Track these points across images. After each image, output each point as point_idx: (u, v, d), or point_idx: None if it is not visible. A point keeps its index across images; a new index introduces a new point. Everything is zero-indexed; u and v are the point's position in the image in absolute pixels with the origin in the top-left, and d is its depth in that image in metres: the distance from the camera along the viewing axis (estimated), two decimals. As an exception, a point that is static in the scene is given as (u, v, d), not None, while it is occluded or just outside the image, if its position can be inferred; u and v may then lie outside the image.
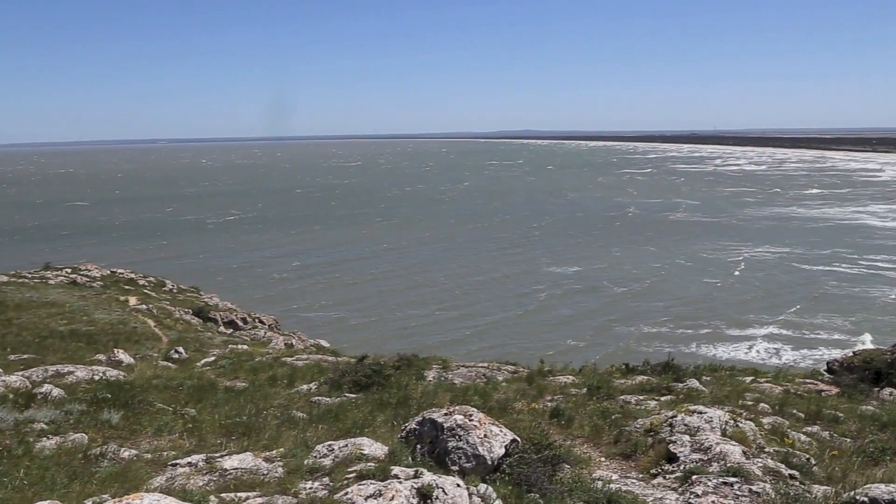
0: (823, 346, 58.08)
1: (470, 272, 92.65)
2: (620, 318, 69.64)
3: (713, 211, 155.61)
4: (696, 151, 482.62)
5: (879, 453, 11.10)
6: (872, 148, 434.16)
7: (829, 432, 12.65)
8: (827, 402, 15.18)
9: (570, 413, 12.83)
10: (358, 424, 11.86)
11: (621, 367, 18.69)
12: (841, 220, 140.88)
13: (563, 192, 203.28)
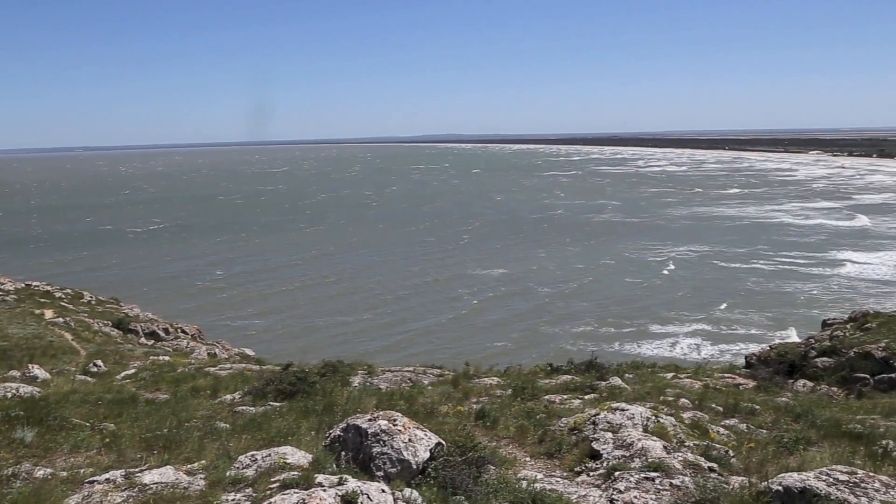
0: (742, 342, 59.99)
1: (400, 277, 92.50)
2: (547, 320, 70.57)
3: (637, 211, 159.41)
4: (618, 153, 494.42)
5: (793, 443, 11.48)
6: (784, 148, 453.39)
7: (746, 424, 13.03)
8: (744, 395, 15.67)
9: (496, 414, 12.88)
10: (282, 433, 11.65)
11: (546, 367, 18.92)
12: (759, 218, 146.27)
13: (490, 195, 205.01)
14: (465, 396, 15.50)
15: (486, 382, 17.40)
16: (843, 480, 8.13)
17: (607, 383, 15.97)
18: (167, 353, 28.90)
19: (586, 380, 16.13)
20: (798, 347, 25.84)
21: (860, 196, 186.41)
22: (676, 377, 18.04)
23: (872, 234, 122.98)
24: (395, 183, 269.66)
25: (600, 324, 68.32)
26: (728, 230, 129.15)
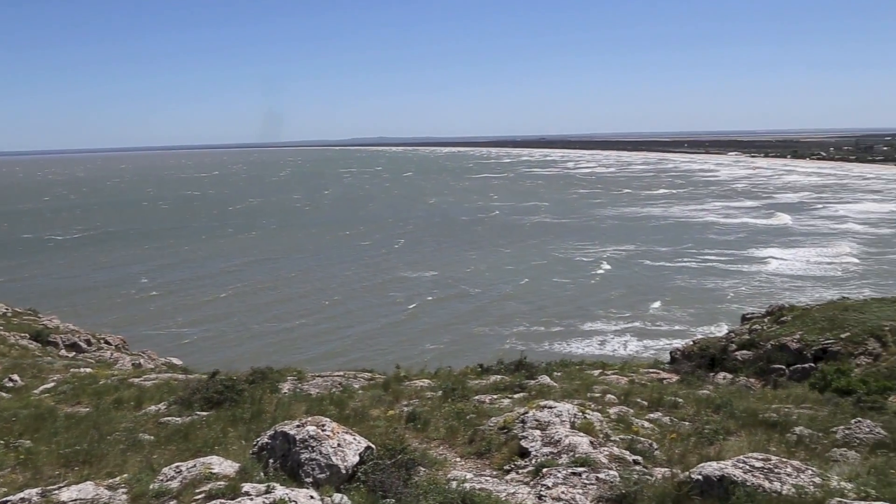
0: (667, 337, 61.46)
1: (334, 282, 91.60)
2: (479, 321, 71.01)
3: (568, 212, 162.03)
4: (548, 155, 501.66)
5: (713, 434, 11.88)
6: (705, 150, 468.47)
7: (669, 417, 13.40)
8: (668, 389, 16.10)
9: (426, 416, 12.93)
10: (209, 443, 11.44)
11: (476, 368, 19.06)
12: (684, 217, 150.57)
13: (424, 198, 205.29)
14: (395, 399, 15.49)
15: (417, 385, 17.43)
16: (759, 467, 8.44)
17: (536, 382, 16.20)
18: (89, 365, 27.93)
19: (516, 379, 16.33)
20: (719, 342, 26.74)
21: (778, 195, 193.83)
22: (603, 374, 18.44)
23: (789, 231, 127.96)
24: (328, 186, 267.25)
25: (532, 324, 69.13)
26: (655, 229, 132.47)
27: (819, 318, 33.80)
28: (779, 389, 19.43)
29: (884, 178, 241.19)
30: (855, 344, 30.44)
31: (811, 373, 23.99)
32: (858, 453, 10.82)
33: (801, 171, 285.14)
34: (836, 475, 8.36)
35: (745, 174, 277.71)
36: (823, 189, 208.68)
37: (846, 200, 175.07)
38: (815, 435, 11.91)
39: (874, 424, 12.29)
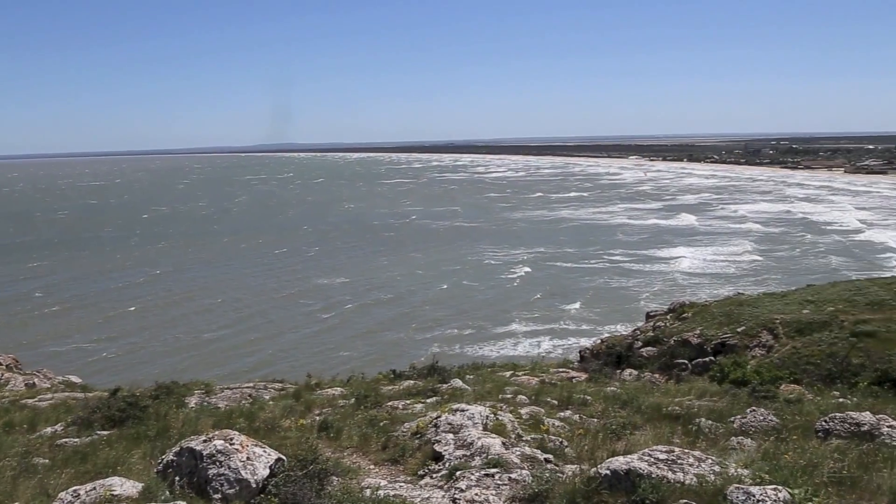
0: (577, 336, 62.97)
1: (248, 292, 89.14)
2: (392, 327, 70.94)
3: (479, 216, 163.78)
4: (458, 160, 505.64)
5: (621, 429, 12.21)
6: (608, 154, 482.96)
7: (579, 415, 13.70)
8: (577, 387, 16.47)
9: (339, 424, 12.80)
10: (110, 464, 10.97)
11: (389, 374, 19.03)
12: (593, 219, 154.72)
13: (339, 204, 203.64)
14: (307, 409, 15.28)
15: (330, 393, 17.26)
16: (663, 459, 8.72)
17: (449, 386, 16.29)
18: (-23, 387, 26.44)
19: (428, 384, 16.38)
20: (625, 339, 27.59)
21: (679, 197, 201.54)
22: (515, 375, 18.70)
23: (690, 231, 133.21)
24: (239, 193, 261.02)
25: (445, 328, 69.51)
26: (565, 231, 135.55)
27: (717, 313, 35.32)
28: (681, 383, 20.17)
29: (774, 179, 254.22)
30: (750, 337, 31.94)
31: (711, 366, 25.00)
32: (754, 440, 11.32)
33: (698, 173, 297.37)
34: (734, 462, 8.71)
35: (647, 177, 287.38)
36: (719, 190, 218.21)
37: (740, 201, 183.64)
38: (714, 425, 12.40)
39: (767, 412, 12.91)
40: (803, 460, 8.70)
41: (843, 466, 8.22)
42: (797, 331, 32.78)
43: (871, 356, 28.04)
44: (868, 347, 30.13)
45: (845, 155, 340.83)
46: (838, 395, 18.58)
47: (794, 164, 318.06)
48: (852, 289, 42.32)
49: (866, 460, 8.57)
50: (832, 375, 25.70)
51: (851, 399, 17.35)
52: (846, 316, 34.81)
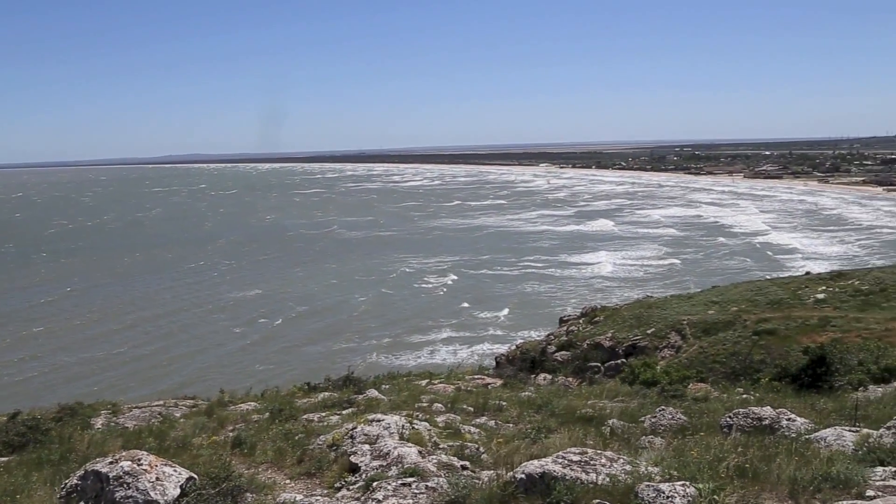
0: (493, 343, 63.59)
1: (160, 308, 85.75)
2: (307, 338, 70.03)
3: (395, 225, 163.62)
4: (372, 170, 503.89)
5: (536, 433, 12.39)
6: (518, 162, 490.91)
7: (495, 421, 13.84)
8: (492, 393, 16.63)
9: (253, 440, 12.55)
10: (9, 492, 10.42)
11: (303, 386, 18.78)
12: (507, 226, 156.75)
13: (256, 215, 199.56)
14: (220, 425, 14.93)
15: (243, 408, 16.91)
16: (576, 461, 8.88)
17: (365, 396, 16.20)
18: None
19: (344, 395, 16.26)
20: (539, 345, 28.06)
21: (591, 203, 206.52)
22: (431, 383, 18.74)
23: (600, 236, 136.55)
24: (152, 206, 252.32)
25: (361, 338, 69.05)
26: (480, 239, 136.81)
27: (628, 316, 36.35)
28: (594, 385, 20.64)
29: (680, 184, 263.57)
30: (659, 338, 32.99)
31: (622, 368, 25.66)
32: (663, 439, 11.69)
33: (607, 180, 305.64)
34: (645, 461, 8.95)
35: (558, 184, 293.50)
36: (629, 196, 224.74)
37: (649, 206, 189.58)
38: (626, 426, 12.75)
39: (675, 411, 13.36)
40: (709, 456, 9.01)
41: (746, 460, 8.55)
42: (703, 331, 34.08)
43: (772, 353, 29.38)
44: (769, 345, 31.56)
45: (744, 161, 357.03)
46: (742, 392, 19.33)
47: (697, 170, 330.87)
48: (754, 289, 44.28)
49: (767, 453, 8.93)
50: (736, 373, 26.78)
51: (754, 395, 18.12)
52: (749, 315, 36.39)
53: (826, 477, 7.41)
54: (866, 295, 39.40)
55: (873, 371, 20.02)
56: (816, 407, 14.37)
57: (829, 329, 33.15)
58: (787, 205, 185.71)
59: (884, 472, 7.65)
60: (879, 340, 29.68)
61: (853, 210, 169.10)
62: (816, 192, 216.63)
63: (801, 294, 40.71)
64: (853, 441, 9.27)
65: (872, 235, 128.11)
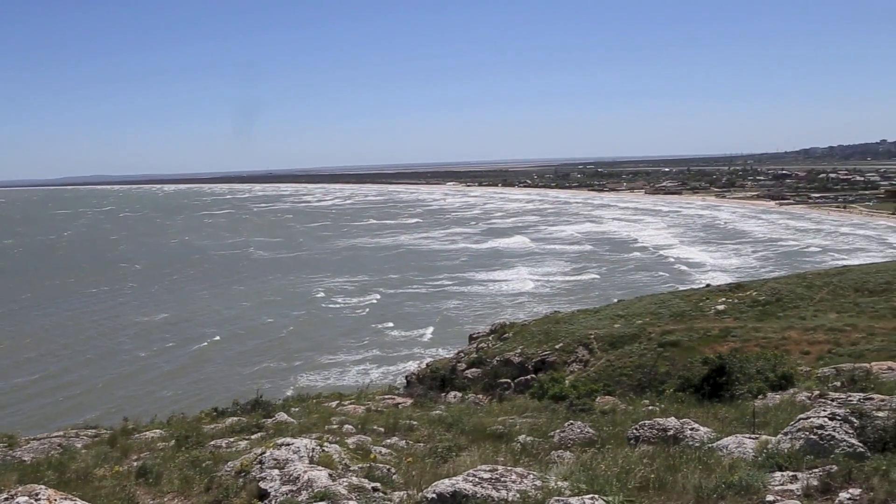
0: (403, 362, 63.35)
1: (64, 335, 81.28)
2: (215, 362, 68.17)
3: (305, 245, 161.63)
4: (280, 190, 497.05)
5: (447, 451, 12.35)
6: (426, 181, 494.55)
7: (405, 441, 13.73)
8: (403, 413, 16.52)
9: (158, 469, 12.07)
10: None
11: (211, 411, 18.23)
12: (417, 245, 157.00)
13: (163, 237, 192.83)
14: (124, 455, 14.30)
15: (148, 436, 16.27)
16: (487, 478, 8.89)
17: (274, 420, 15.85)
18: None
19: (253, 419, 15.86)
20: (449, 362, 28.13)
21: (500, 220, 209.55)
22: (341, 404, 18.50)
23: (511, 253, 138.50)
24: (64, 228, 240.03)
25: (271, 360, 67.70)
26: (393, 258, 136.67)
27: (537, 332, 36.92)
28: (504, 402, 20.78)
29: (585, 201, 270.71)
30: (568, 353, 33.63)
31: (532, 383, 25.97)
32: (572, 453, 11.82)
33: (513, 197, 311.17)
34: (554, 476, 9.02)
35: (465, 202, 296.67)
36: (536, 213, 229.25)
37: (556, 223, 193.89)
38: (535, 441, 12.85)
39: (584, 424, 13.56)
40: (617, 468, 9.16)
41: (652, 471, 8.72)
42: (610, 344, 34.98)
43: (675, 364, 30.37)
44: (673, 356, 32.65)
45: (645, 177, 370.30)
46: (648, 403, 19.77)
47: (600, 187, 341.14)
48: (657, 302, 45.79)
49: (672, 463, 9.15)
50: (642, 385, 27.52)
51: (659, 406, 18.57)
52: (653, 328, 37.58)
53: (729, 484, 7.63)
54: (763, 305, 41.34)
55: (771, 379, 20.86)
56: (718, 416, 14.82)
57: (729, 339, 34.61)
58: (688, 219, 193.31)
59: (782, 476, 7.92)
60: (776, 349, 31.14)
61: (749, 223, 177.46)
62: (714, 207, 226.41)
63: (703, 306, 42.37)
64: (753, 448, 9.59)
65: (768, 247, 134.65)
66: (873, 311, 38.26)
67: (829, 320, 37.00)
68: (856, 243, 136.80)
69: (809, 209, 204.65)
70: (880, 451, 8.44)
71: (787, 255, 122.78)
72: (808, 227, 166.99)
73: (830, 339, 33.20)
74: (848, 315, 38.01)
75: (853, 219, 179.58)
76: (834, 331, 34.64)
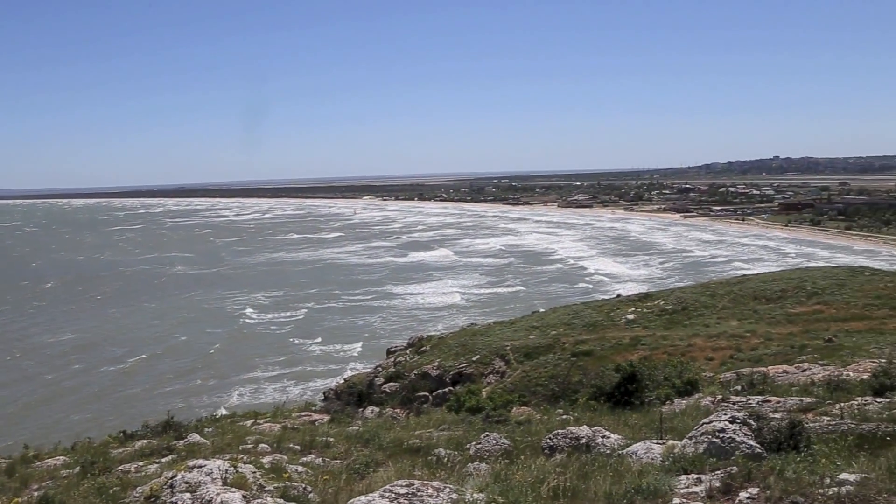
0: (322, 378, 62.51)
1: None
2: (125, 383, 65.74)
3: (214, 261, 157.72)
4: (193, 204, 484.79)
5: (364, 467, 12.30)
6: (342, 195, 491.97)
7: (322, 458, 13.59)
8: (319, 430, 16.35)
9: (61, 498, 11.57)
10: None
11: (119, 435, 17.60)
12: (333, 259, 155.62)
13: (79, 253, 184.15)
14: (23, 485, 13.65)
15: (51, 464, 15.57)
16: (403, 493, 8.89)
17: (186, 441, 15.43)
18: None
19: (163, 441, 15.40)
20: (367, 377, 28.01)
21: (418, 234, 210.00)
22: (256, 423, 18.16)
23: (430, 266, 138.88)
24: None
25: (185, 380, 65.75)
26: (309, 273, 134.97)
27: (453, 344, 37.16)
28: (422, 416, 20.82)
29: (500, 215, 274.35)
30: (485, 365, 33.95)
31: (449, 396, 26.11)
32: (488, 464, 11.95)
33: (431, 211, 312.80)
34: (470, 488, 9.10)
35: (382, 216, 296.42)
36: (453, 227, 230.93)
37: (472, 236, 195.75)
38: (452, 454, 12.91)
39: (499, 436, 13.72)
40: (531, 478, 9.31)
41: (565, 479, 8.90)
42: (526, 355, 35.51)
43: (588, 373, 31.07)
44: (586, 365, 33.39)
45: (557, 191, 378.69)
46: (562, 413, 20.11)
47: (514, 200, 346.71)
48: (571, 313, 46.81)
49: (585, 470, 9.36)
50: (556, 395, 28.03)
51: (573, 415, 18.95)
52: (567, 338, 38.37)
53: (637, 489, 7.85)
54: (670, 314, 42.86)
55: (678, 385, 21.61)
56: (629, 423, 15.23)
57: (639, 347, 35.68)
58: (600, 231, 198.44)
59: (687, 479, 8.22)
60: (683, 356, 32.27)
61: (657, 235, 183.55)
62: (624, 220, 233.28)
63: (614, 316, 43.59)
64: (660, 453, 9.91)
65: (673, 258, 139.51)
66: (770, 318, 40.23)
67: (730, 327, 38.66)
68: (755, 253, 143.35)
69: (712, 221, 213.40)
70: (776, 451, 8.90)
71: (692, 266, 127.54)
72: (711, 238, 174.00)
73: (732, 346, 34.64)
74: (748, 322, 39.82)
75: (752, 230, 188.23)
76: (735, 337, 36.18)
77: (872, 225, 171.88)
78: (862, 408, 13.14)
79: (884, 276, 51.14)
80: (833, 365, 23.66)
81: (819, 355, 29.08)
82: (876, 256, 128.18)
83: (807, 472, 7.69)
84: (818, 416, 12.62)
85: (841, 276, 50.62)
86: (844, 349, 31.06)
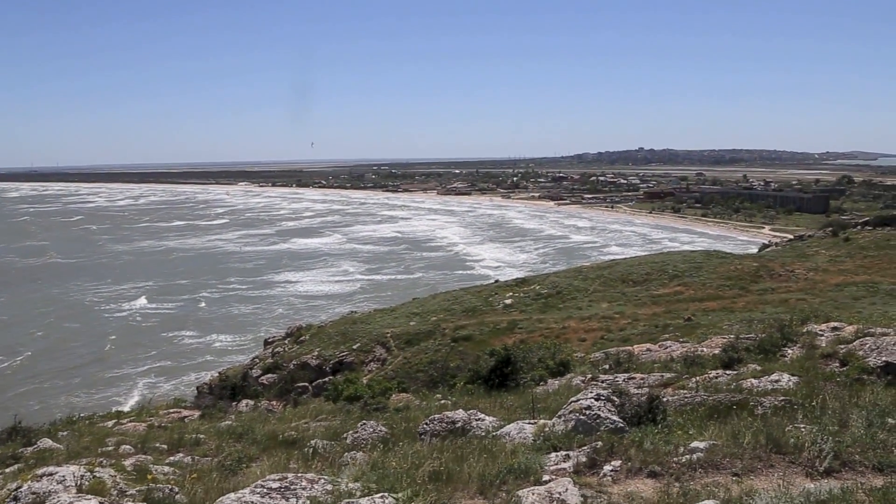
0: (196, 371, 60.34)
1: None
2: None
3: (80, 251, 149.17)
4: (45, 189, 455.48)
5: (236, 463, 11.87)
6: (216, 181, 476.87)
7: (191, 456, 13.01)
8: (189, 427, 15.69)
9: None
10: None
11: (-44, 445, 16.22)
12: (204, 248, 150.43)
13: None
14: None
15: None
16: (276, 487, 8.61)
17: (36, 448, 14.39)
18: None
19: (9, 449, 14.29)
20: (242, 370, 27.23)
21: (297, 221, 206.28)
22: (119, 423, 17.20)
23: (306, 254, 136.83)
24: None
25: (42, 380, 61.81)
26: (177, 262, 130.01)
27: (333, 333, 36.74)
28: (299, 406, 20.40)
29: (381, 202, 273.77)
30: (365, 353, 33.77)
31: (327, 386, 25.78)
32: (365, 453, 11.79)
33: (310, 197, 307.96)
34: (346, 478, 8.93)
35: (262, 202, 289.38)
36: (334, 213, 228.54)
37: (353, 223, 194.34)
38: (329, 444, 12.67)
39: (377, 424, 13.58)
40: (407, 464, 9.24)
41: (441, 463, 8.88)
42: (406, 342, 35.57)
43: (466, 358, 31.45)
44: (465, 350, 33.82)
45: (437, 178, 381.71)
46: (441, 398, 20.22)
47: (394, 188, 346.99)
48: (450, 298, 47.31)
49: (460, 453, 9.38)
50: (435, 380, 28.19)
51: (451, 399, 19.06)
52: (447, 324, 38.72)
53: (510, 469, 7.95)
54: (546, 298, 44.05)
55: (551, 366, 22.17)
56: (504, 405, 15.45)
57: (517, 331, 36.48)
58: (480, 218, 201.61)
59: (556, 456, 8.39)
60: (558, 338, 33.25)
61: (533, 222, 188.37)
62: (502, 207, 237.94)
63: (492, 300, 44.36)
64: (532, 432, 10.07)
65: (549, 244, 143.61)
66: (637, 300, 42.14)
67: (601, 309, 40.18)
68: (623, 239, 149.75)
69: (584, 209, 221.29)
70: (636, 425, 9.26)
71: (566, 251, 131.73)
72: (583, 224, 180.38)
73: (603, 327, 36.02)
74: (617, 304, 41.54)
75: (620, 217, 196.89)
76: (606, 318, 37.66)
77: (724, 212, 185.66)
78: (714, 380, 13.90)
79: (734, 259, 54.83)
80: (690, 342, 24.99)
81: (679, 333, 30.78)
82: (727, 241, 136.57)
83: (663, 442, 8.10)
84: (676, 391, 13.19)
85: (698, 259, 53.78)
86: (701, 327, 33.08)
